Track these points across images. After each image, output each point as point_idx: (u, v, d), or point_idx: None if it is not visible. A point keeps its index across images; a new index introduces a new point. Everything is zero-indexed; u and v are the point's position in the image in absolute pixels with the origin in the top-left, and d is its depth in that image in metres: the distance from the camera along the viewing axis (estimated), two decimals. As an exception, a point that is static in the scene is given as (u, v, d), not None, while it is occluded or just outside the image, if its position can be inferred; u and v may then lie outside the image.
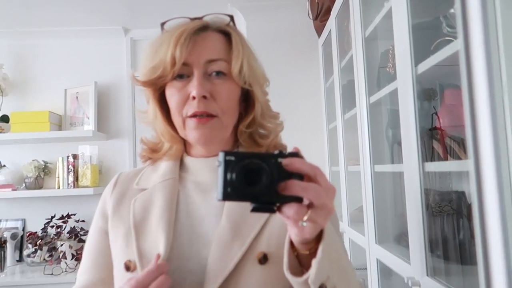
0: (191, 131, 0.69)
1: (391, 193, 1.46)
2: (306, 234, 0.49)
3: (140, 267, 0.66)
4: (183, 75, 0.69)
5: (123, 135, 2.71)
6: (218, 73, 0.69)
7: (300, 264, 0.56)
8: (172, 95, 0.70)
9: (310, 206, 0.47)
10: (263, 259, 0.64)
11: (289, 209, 0.47)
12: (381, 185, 1.42)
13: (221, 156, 0.48)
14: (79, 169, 2.59)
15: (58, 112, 2.60)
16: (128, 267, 0.68)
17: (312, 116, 2.36)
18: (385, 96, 1.29)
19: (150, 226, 0.69)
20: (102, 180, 2.71)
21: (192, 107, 0.68)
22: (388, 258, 1.27)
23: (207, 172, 0.74)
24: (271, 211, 0.48)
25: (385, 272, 1.44)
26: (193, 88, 0.67)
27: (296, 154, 0.49)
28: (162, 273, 0.62)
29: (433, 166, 0.97)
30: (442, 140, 0.99)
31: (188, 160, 0.77)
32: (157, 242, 0.67)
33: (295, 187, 0.47)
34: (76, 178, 2.59)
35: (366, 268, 1.56)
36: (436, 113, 1.10)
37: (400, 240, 1.38)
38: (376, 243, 1.39)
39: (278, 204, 0.48)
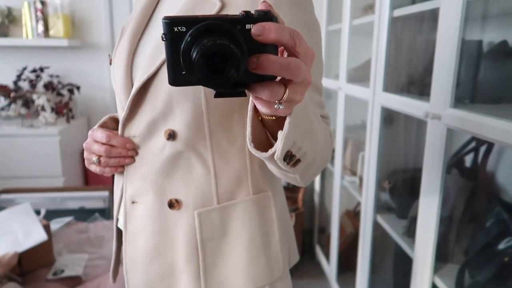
0: None
1: (405, 42, 1.41)
2: (280, 112, 0.41)
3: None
4: None
5: (97, -19, 2.41)
6: None
7: (263, 124, 0.51)
8: None
9: (288, 82, 0.38)
10: None
11: (264, 89, 0.37)
12: (396, 33, 1.36)
13: (165, 26, 0.35)
14: (49, 19, 2.34)
15: None
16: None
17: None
18: None
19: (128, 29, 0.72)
20: (76, 32, 2.48)
21: None
22: (397, 103, 1.27)
23: None
24: (240, 95, 0.39)
25: (386, 120, 1.46)
26: None
27: (267, 15, 0.36)
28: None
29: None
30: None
31: None
32: (122, 49, 0.69)
33: (272, 66, 0.35)
34: (46, 29, 2.34)
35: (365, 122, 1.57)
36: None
37: (410, 88, 1.38)
38: (383, 91, 1.38)
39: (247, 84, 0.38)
